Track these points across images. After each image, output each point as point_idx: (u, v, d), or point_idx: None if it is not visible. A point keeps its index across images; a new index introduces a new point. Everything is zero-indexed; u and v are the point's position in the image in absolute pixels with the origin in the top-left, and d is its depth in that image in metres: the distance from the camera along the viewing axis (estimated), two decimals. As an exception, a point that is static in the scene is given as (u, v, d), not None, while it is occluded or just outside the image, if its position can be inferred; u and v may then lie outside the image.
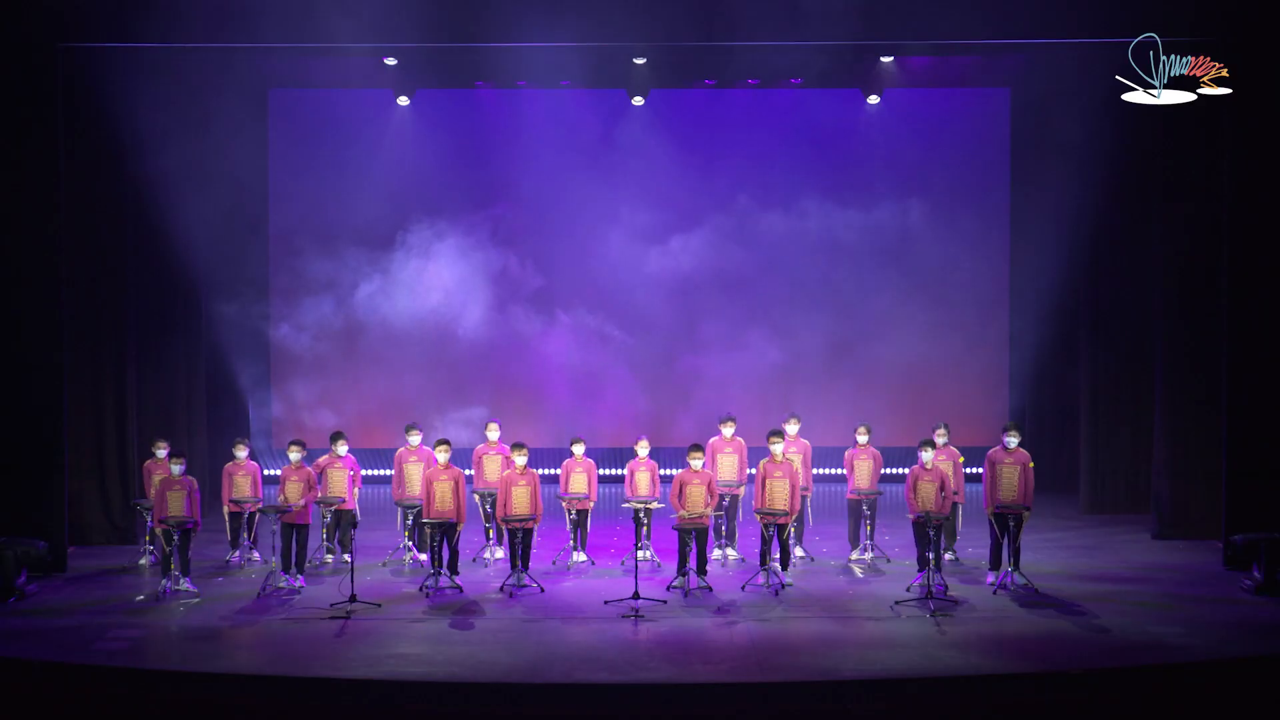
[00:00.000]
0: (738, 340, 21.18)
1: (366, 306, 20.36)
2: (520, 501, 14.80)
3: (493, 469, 15.94)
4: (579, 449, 15.94)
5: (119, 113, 16.93)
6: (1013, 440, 14.81)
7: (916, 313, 21.14)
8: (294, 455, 15.12)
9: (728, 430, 16.02)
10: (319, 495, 15.39)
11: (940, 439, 15.48)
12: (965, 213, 20.82)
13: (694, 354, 21.17)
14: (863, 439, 16.07)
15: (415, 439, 16.12)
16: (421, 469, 15.64)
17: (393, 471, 16.27)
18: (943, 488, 14.76)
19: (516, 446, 15.08)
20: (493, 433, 16.32)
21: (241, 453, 16.03)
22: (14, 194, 15.61)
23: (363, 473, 16.57)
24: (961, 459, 15.80)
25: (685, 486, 14.64)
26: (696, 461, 14.69)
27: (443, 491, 14.82)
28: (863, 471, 16.00)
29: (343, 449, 15.80)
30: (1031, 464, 14.85)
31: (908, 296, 21.06)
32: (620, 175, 20.40)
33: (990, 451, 14.94)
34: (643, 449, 15.90)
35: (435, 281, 20.44)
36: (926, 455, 14.89)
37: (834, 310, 21.13)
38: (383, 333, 20.64)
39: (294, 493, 14.89)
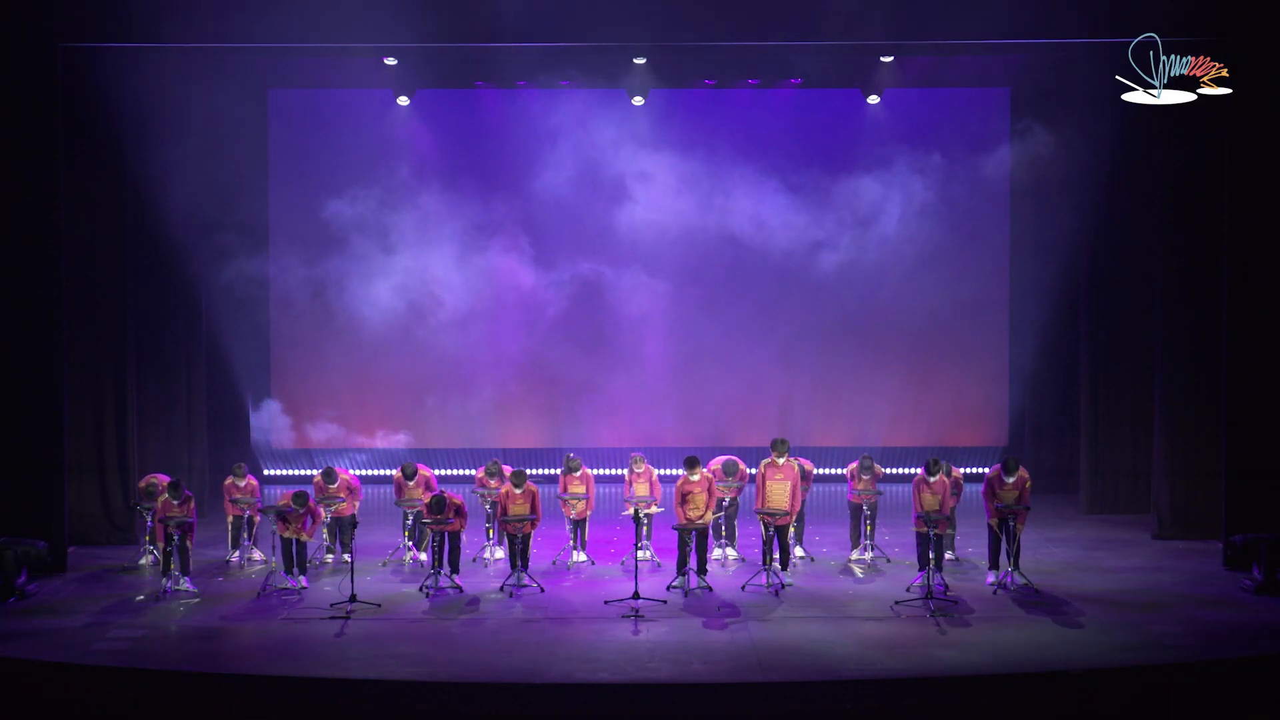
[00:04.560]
0: (736, 341, 21.14)
1: (367, 306, 20.32)
2: (519, 508, 14.80)
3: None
4: (577, 473, 15.92)
5: (119, 113, 16.92)
6: (1010, 478, 14.75)
7: (916, 313, 21.10)
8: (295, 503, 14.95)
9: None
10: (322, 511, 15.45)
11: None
12: (964, 213, 20.78)
13: (694, 355, 21.13)
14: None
15: (412, 482, 16.05)
16: (421, 491, 15.65)
17: (394, 474, 16.28)
18: (945, 498, 14.76)
19: (517, 475, 14.95)
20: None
21: (241, 480, 15.90)
22: (13, 193, 15.61)
23: (364, 472, 16.57)
24: (961, 475, 15.82)
25: (688, 496, 14.64)
26: (695, 476, 14.66)
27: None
28: (863, 481, 16.01)
29: (333, 484, 15.69)
30: (1029, 483, 14.84)
31: (907, 296, 21.02)
32: (620, 175, 20.36)
33: (990, 475, 14.85)
34: (639, 466, 15.92)
35: (436, 282, 20.42)
36: (933, 478, 14.84)
37: (833, 310, 21.09)
38: (383, 332, 20.60)
39: (294, 518, 14.80)
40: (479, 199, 20.69)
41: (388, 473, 19.39)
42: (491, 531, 16.17)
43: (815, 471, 16.68)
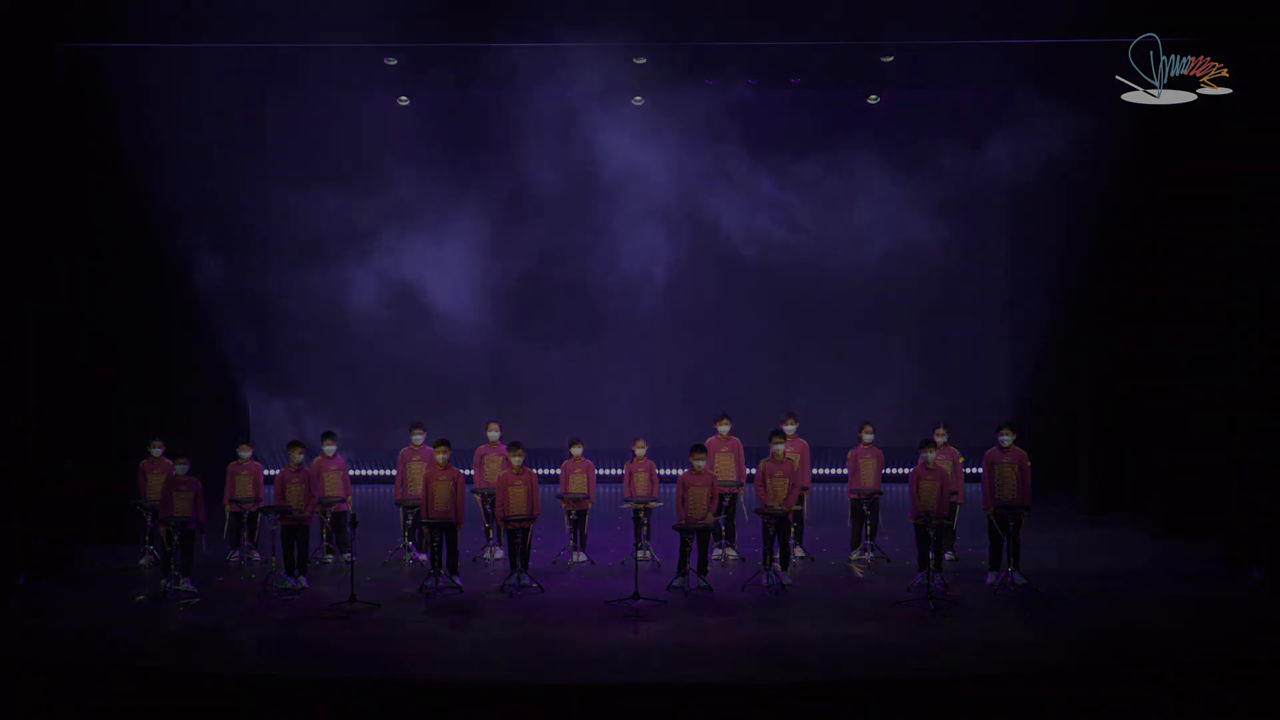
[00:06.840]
0: (737, 339, 21.18)
1: (367, 305, 20.34)
2: (517, 501, 14.79)
3: (494, 469, 15.94)
4: (577, 450, 15.95)
5: (118, 112, 16.94)
6: (1007, 439, 14.84)
7: (917, 313, 21.13)
8: (296, 457, 15.06)
9: (723, 428, 16.02)
10: (318, 496, 15.40)
11: (940, 439, 15.48)
12: (965, 213, 20.81)
13: (694, 353, 21.17)
14: (867, 438, 16.06)
15: (419, 438, 16.10)
16: (424, 468, 15.63)
17: (395, 471, 16.28)
18: (943, 489, 14.75)
19: (513, 446, 15.07)
20: (493, 432, 16.33)
21: (245, 453, 16.00)
22: (13, 193, 15.62)
23: (364, 473, 16.56)
24: (961, 459, 15.80)
25: (688, 489, 14.65)
26: (699, 463, 14.69)
27: (441, 493, 14.81)
28: (866, 470, 16.00)
29: (330, 449, 15.77)
30: (1029, 463, 14.88)
31: (908, 296, 21.05)
32: (621, 175, 20.37)
33: (987, 452, 14.96)
34: (640, 449, 15.91)
35: (436, 282, 20.43)
36: (929, 455, 14.89)
37: (834, 309, 21.13)
38: (383, 331, 20.63)
39: (294, 495, 14.85)
40: (479, 198, 20.71)
41: (388, 472, 19.39)
42: (491, 531, 16.18)
43: (814, 470, 16.68)
